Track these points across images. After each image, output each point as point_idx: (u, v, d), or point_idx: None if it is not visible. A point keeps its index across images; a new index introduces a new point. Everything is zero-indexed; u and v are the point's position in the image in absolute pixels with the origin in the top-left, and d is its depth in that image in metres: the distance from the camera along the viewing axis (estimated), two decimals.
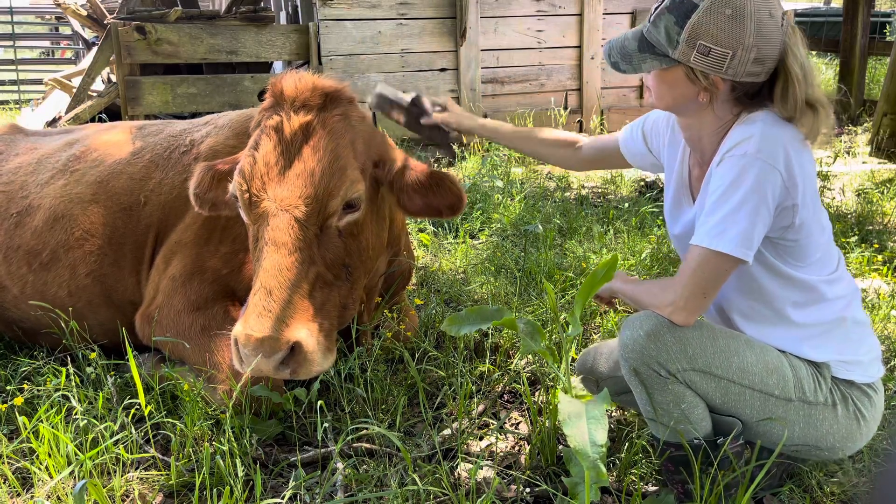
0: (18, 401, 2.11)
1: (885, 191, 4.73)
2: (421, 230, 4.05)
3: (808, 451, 1.73)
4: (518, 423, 2.27)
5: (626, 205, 4.48)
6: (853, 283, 1.79)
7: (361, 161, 1.98)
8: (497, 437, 2.15)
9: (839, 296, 1.72)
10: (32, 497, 1.88)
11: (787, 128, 1.57)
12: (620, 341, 1.68)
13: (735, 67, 1.53)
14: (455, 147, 2.20)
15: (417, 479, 1.81)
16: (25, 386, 2.28)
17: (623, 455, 1.96)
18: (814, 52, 12.30)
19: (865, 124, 7.59)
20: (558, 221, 4.10)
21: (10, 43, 13.00)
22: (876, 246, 3.61)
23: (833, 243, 1.76)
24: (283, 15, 9.17)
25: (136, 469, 2.00)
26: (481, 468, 2.00)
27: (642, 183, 5.14)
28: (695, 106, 1.64)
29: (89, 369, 2.25)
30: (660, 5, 1.59)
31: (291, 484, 1.82)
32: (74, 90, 6.73)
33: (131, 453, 1.99)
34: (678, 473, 1.71)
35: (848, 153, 6.46)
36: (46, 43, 16.19)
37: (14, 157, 2.83)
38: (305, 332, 1.80)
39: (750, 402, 1.66)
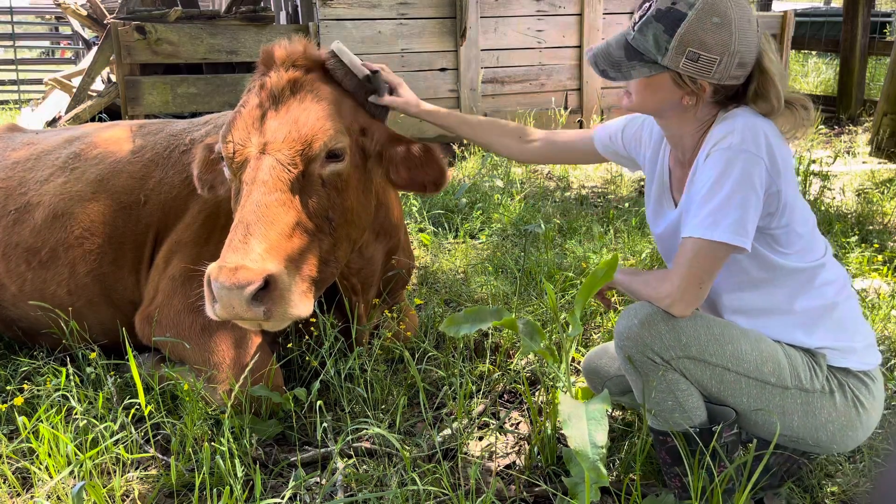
0: (18, 401, 2.11)
1: (885, 191, 4.73)
2: (421, 230, 4.05)
3: (807, 441, 1.73)
4: (518, 423, 2.27)
5: (627, 205, 4.48)
6: (842, 269, 1.81)
7: (347, 121, 1.99)
8: (497, 437, 2.15)
9: (829, 281, 1.74)
10: (32, 497, 1.88)
11: (765, 120, 1.67)
12: (616, 330, 1.71)
13: (721, 72, 1.62)
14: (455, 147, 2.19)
15: (417, 479, 1.81)
16: (25, 386, 2.28)
17: (623, 455, 1.96)
18: (814, 52, 12.29)
19: (865, 124, 7.59)
20: (558, 221, 4.10)
21: (10, 43, 12.98)
22: (876, 246, 3.61)
23: (818, 232, 1.80)
24: (283, 15, 9.16)
25: (136, 469, 2.00)
26: (481, 468, 2.00)
27: (642, 183, 5.14)
28: (678, 109, 1.71)
29: (89, 369, 2.25)
30: (645, 14, 1.63)
31: (291, 484, 1.82)
32: (74, 90, 6.72)
33: (131, 453, 1.99)
34: (675, 466, 1.72)
35: (848, 153, 6.46)
36: (46, 43, 16.18)
37: (11, 152, 2.82)
38: (281, 267, 1.74)
39: (746, 391, 1.68)
